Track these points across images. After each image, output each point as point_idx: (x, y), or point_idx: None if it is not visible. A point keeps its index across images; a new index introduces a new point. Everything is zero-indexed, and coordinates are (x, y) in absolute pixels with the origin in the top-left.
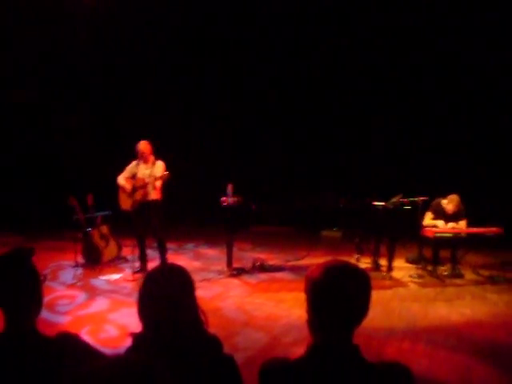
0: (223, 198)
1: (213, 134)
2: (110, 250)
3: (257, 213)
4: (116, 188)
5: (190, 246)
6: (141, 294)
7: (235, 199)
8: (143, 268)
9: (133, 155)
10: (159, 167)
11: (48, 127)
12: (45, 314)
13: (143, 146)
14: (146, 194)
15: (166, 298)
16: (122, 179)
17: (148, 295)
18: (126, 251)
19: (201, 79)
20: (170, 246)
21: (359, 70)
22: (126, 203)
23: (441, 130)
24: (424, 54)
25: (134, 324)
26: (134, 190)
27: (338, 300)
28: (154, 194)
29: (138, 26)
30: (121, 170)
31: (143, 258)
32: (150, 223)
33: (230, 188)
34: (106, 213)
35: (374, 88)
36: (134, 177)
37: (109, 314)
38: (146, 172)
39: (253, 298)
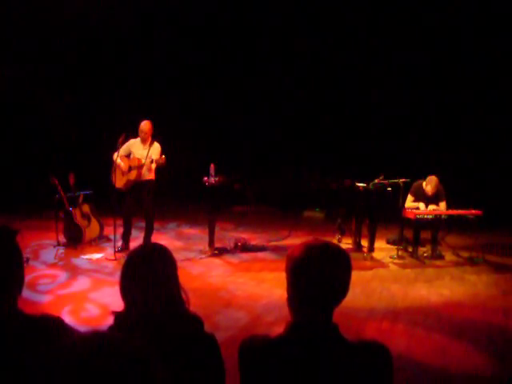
0: (205, 178)
1: (196, 114)
2: (91, 230)
3: (239, 193)
4: (109, 165)
5: (172, 225)
6: (123, 273)
7: (217, 179)
8: (125, 247)
9: (116, 133)
10: (156, 149)
11: (29, 105)
12: (26, 293)
13: (145, 125)
14: (140, 175)
15: (147, 276)
16: (118, 157)
17: (130, 274)
18: (108, 230)
19: (185, 57)
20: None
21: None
22: (119, 181)
23: (422, 112)
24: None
25: (116, 303)
26: (130, 169)
27: (317, 279)
28: (149, 175)
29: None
30: (105, 148)
31: (127, 238)
32: (141, 203)
33: (212, 168)
34: (88, 192)
35: (360, 64)
36: (129, 155)
37: (90, 293)
38: (144, 153)
39: (235, 278)
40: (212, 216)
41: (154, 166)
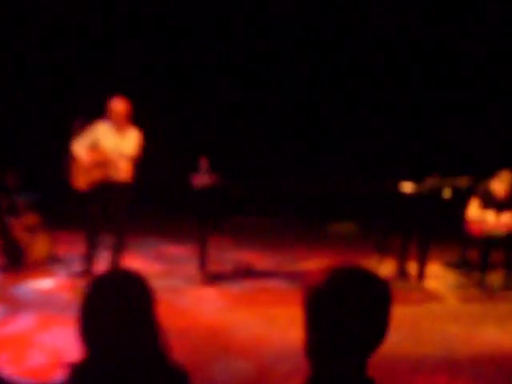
0: (194, 177)
1: (183, 94)
2: (37, 247)
3: (240, 197)
4: (65, 158)
5: (149, 241)
6: (84, 309)
7: (211, 178)
8: (87, 270)
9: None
10: (131, 139)
11: None
12: None
13: (120, 105)
14: (107, 174)
15: (117, 314)
16: (79, 148)
17: (93, 310)
18: (61, 248)
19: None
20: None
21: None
22: (81, 180)
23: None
24: None
25: (71, 349)
26: (98, 165)
27: (345, 317)
28: (122, 175)
29: None
30: (60, 136)
31: (90, 258)
32: (110, 211)
33: (203, 163)
34: (34, 196)
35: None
36: (95, 145)
37: (36, 335)
38: (117, 142)
39: (235, 314)
40: (204, 229)
41: (125, 163)
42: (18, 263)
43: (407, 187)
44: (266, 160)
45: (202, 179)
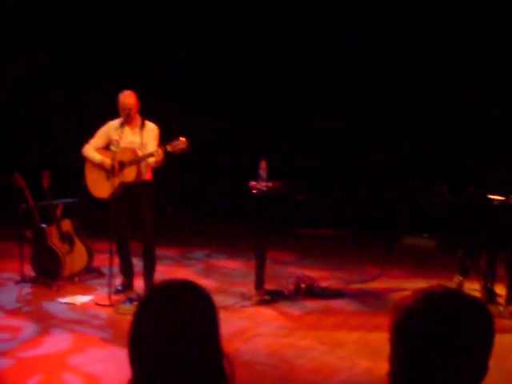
0: (252, 183)
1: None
2: (74, 258)
3: (303, 207)
4: (82, 164)
5: (198, 254)
6: (134, 329)
7: (271, 184)
8: (127, 286)
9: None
10: (152, 131)
11: None
12: None
13: (128, 98)
14: (140, 173)
15: (176, 336)
16: (91, 150)
17: (146, 330)
18: (101, 260)
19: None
20: (168, 253)
21: None
22: (100, 187)
23: None
24: None
25: (111, 373)
26: (121, 166)
27: (444, 345)
28: (147, 173)
29: None
30: (91, 134)
31: (128, 271)
32: (136, 217)
33: (263, 167)
34: (71, 200)
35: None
36: (109, 146)
37: (70, 357)
38: (134, 139)
39: (295, 339)
40: (262, 242)
41: (152, 160)
42: (54, 276)
43: (496, 199)
44: (332, 167)
45: (260, 185)
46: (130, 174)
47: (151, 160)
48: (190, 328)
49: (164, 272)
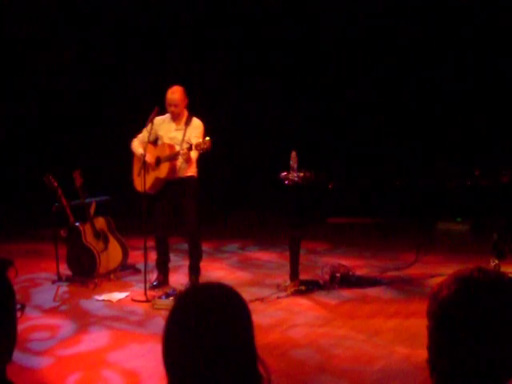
0: (284, 174)
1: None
2: (109, 256)
3: (336, 196)
4: (129, 159)
5: (232, 247)
6: (169, 329)
7: (303, 175)
8: (162, 281)
9: (145, 112)
10: (196, 129)
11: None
12: (13, 353)
13: (176, 93)
14: (175, 170)
15: (211, 339)
16: (136, 144)
17: (181, 331)
18: (136, 256)
19: None
20: (202, 247)
21: None
22: (140, 181)
23: None
24: None
25: (149, 369)
26: (158, 161)
27: (482, 334)
28: (188, 170)
29: None
30: (128, 133)
31: (163, 267)
32: (180, 214)
33: (293, 157)
34: (104, 198)
35: None
36: (156, 141)
37: (109, 354)
38: (177, 135)
39: (332, 328)
40: (296, 232)
41: (194, 154)
42: (89, 273)
43: None
44: (361, 155)
45: (292, 175)
46: (163, 170)
47: (193, 154)
48: (224, 331)
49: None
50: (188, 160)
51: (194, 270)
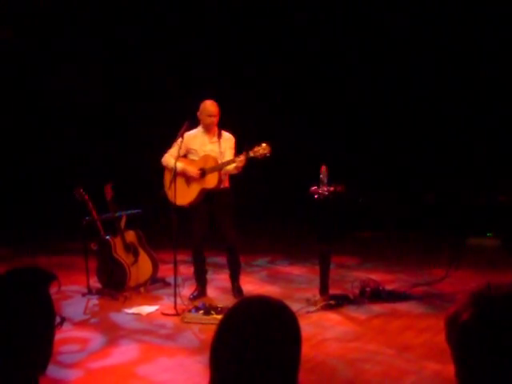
0: (314, 188)
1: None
2: (140, 269)
3: (366, 210)
4: (159, 173)
5: (261, 261)
6: (218, 340)
7: (333, 189)
8: (200, 293)
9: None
10: (229, 141)
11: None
12: None
13: (216, 105)
14: (220, 180)
15: (264, 353)
16: (170, 159)
17: (231, 343)
18: (165, 270)
19: None
20: None
21: None
22: (181, 195)
23: None
24: None
25: (178, 382)
26: (204, 173)
27: (499, 354)
28: (226, 181)
29: None
30: (159, 147)
31: (202, 279)
32: (217, 226)
33: (323, 171)
34: (135, 212)
35: None
36: (185, 156)
37: (138, 367)
38: (213, 148)
39: (362, 344)
40: (326, 246)
41: (231, 167)
42: (119, 286)
43: None
44: (391, 169)
45: (322, 190)
46: (211, 181)
47: (230, 167)
48: (279, 350)
49: (228, 280)
50: (241, 168)
51: (238, 282)
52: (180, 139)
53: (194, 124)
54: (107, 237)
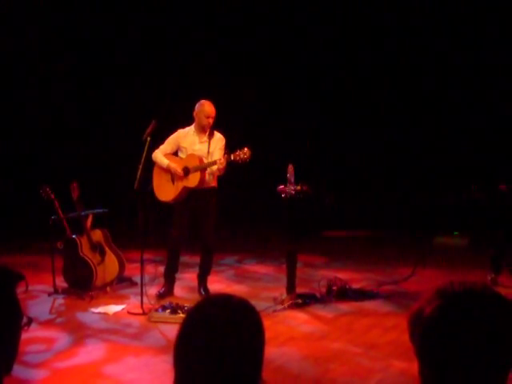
0: (281, 187)
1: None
2: (106, 268)
3: (333, 209)
4: (125, 171)
5: (229, 260)
6: (181, 338)
7: (300, 188)
8: (168, 291)
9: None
10: (219, 141)
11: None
12: None
13: (213, 106)
14: (204, 180)
15: (228, 352)
16: (159, 155)
17: (193, 342)
18: (132, 269)
19: None
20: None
21: None
22: (164, 191)
23: None
24: None
25: (145, 382)
26: (187, 171)
27: (465, 351)
28: (212, 182)
29: None
30: (125, 146)
31: (172, 277)
32: (199, 223)
33: (290, 171)
34: (101, 210)
35: None
36: (176, 153)
37: (105, 367)
38: (202, 148)
39: (329, 342)
40: (292, 245)
41: (215, 168)
42: (86, 286)
43: None
44: (357, 169)
45: (289, 189)
46: (193, 180)
47: (214, 168)
48: (234, 343)
49: (195, 279)
50: (222, 170)
51: (205, 283)
52: (173, 135)
53: (160, 124)
54: (73, 236)
